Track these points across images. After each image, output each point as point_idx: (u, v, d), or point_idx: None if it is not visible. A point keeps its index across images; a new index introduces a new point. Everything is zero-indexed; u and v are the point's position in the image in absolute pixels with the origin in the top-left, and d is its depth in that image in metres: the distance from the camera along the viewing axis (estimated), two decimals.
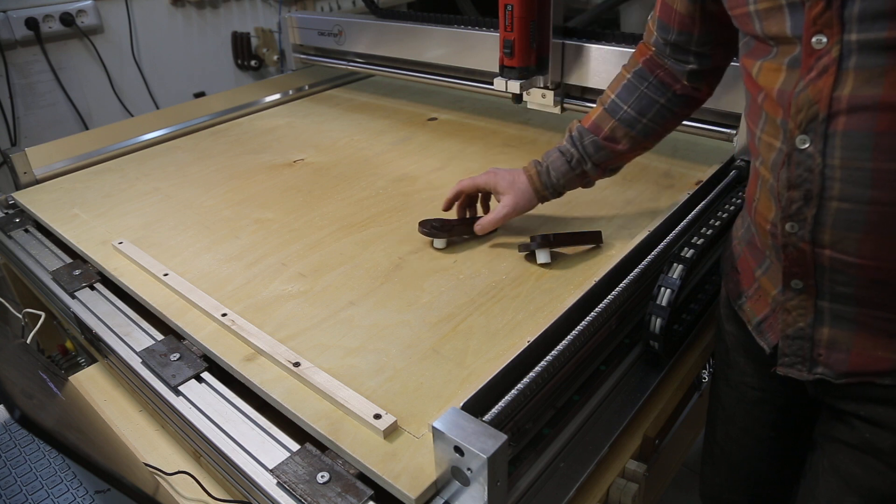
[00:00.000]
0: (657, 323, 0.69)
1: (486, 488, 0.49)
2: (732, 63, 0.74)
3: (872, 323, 0.54)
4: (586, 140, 0.81)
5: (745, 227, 0.67)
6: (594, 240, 0.86)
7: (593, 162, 0.81)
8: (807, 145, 0.50)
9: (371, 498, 0.54)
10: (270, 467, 0.58)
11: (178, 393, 0.68)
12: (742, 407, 0.74)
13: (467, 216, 0.92)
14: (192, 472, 0.66)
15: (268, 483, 0.57)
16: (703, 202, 0.90)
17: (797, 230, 0.53)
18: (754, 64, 0.57)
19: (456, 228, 0.89)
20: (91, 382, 0.83)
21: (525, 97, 1.14)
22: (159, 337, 0.77)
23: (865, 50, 0.46)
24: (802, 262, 0.54)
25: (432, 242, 0.89)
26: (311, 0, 2.02)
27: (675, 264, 0.71)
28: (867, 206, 0.49)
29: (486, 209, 0.93)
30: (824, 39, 0.48)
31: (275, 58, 1.91)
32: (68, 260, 0.95)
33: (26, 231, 1.05)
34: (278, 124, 1.41)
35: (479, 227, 0.87)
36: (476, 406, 0.55)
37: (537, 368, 0.60)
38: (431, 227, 0.88)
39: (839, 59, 0.47)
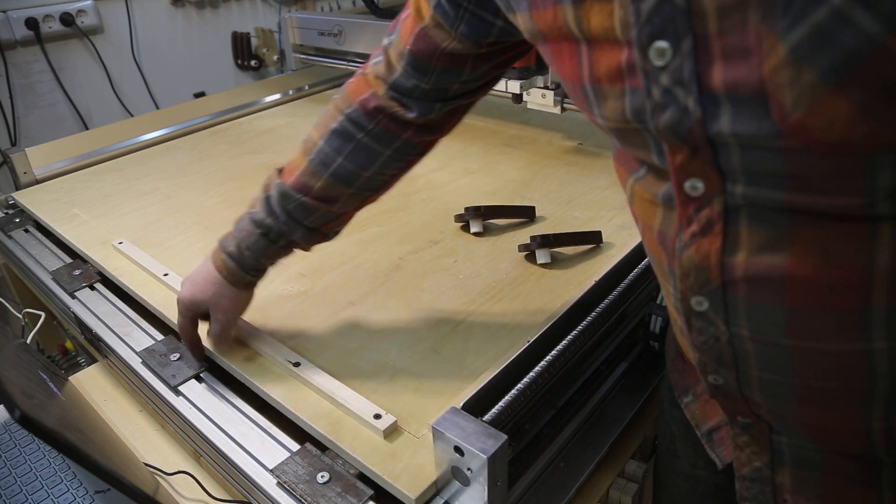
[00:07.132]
0: (657, 323, 0.69)
1: (486, 488, 0.49)
2: None
3: (842, 466, 0.42)
4: (291, 204, 0.62)
5: None
6: (594, 240, 0.86)
7: (306, 227, 0.63)
8: (705, 308, 0.38)
9: (371, 498, 0.54)
10: (270, 467, 0.58)
11: (178, 393, 0.68)
12: (695, 497, 0.61)
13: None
14: (192, 472, 0.66)
15: (268, 483, 0.57)
16: None
17: (722, 383, 0.42)
18: (627, 179, 0.42)
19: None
20: (91, 382, 0.83)
21: (525, 97, 1.14)
22: (159, 337, 0.77)
23: (759, 208, 0.33)
24: (740, 408, 0.43)
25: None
26: (311, 0, 2.02)
27: None
28: (796, 380, 0.37)
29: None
30: (700, 186, 0.34)
31: (275, 58, 1.90)
32: (68, 260, 0.95)
33: (26, 231, 1.05)
34: (278, 124, 1.41)
35: (215, 345, 0.69)
36: (476, 406, 0.55)
37: (537, 368, 0.60)
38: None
39: (724, 214, 0.34)
